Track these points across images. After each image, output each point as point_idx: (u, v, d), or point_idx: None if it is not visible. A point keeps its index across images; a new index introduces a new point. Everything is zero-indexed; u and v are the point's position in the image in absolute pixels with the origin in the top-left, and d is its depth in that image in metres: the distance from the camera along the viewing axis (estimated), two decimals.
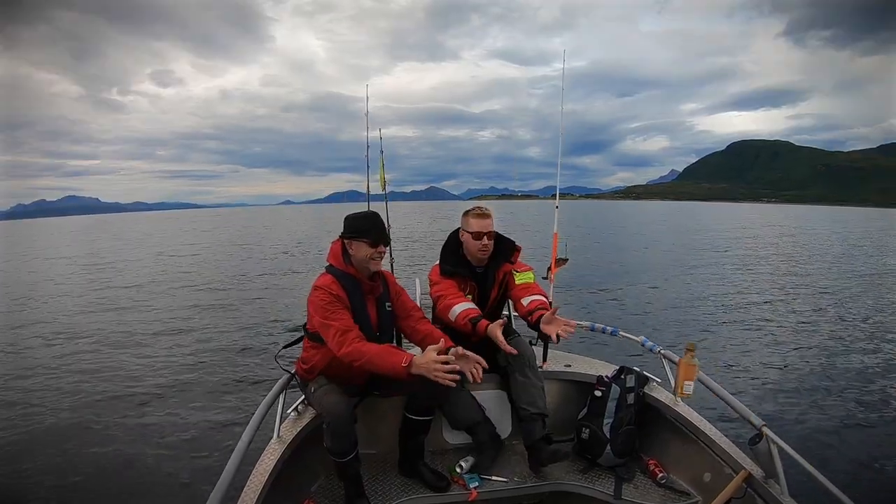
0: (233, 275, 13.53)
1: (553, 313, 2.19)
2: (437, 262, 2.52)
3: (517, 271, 2.49)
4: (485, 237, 2.40)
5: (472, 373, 1.96)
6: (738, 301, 9.41)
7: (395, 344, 2.36)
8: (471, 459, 2.31)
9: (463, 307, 2.34)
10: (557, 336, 2.15)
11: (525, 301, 2.36)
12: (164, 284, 12.29)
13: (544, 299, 2.38)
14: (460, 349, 2.02)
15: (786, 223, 42.05)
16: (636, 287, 11.00)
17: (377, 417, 2.36)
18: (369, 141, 3.37)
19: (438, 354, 1.89)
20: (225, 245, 24.45)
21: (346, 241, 2.12)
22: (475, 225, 2.40)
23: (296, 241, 25.15)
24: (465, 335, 2.48)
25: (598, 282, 11.67)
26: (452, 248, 2.51)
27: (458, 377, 1.89)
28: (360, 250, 2.09)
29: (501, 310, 2.67)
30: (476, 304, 2.41)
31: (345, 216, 2.17)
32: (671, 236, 26.54)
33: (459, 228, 2.50)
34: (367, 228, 2.09)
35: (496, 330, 2.18)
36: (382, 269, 2.33)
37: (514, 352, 2.21)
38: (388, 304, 2.26)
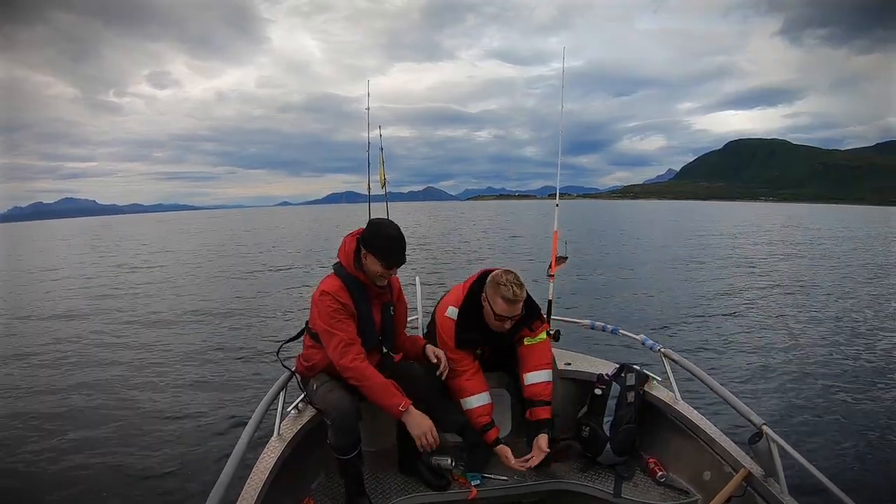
0: (189, 301, 10.38)
1: (543, 445, 2.17)
2: (450, 307, 2.29)
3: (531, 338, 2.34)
4: (508, 321, 2.14)
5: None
6: (741, 300, 9.40)
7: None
8: (448, 459, 2.30)
9: (478, 403, 2.25)
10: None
11: (528, 379, 2.28)
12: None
13: (547, 382, 2.27)
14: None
15: (805, 223, 40.95)
16: (637, 286, 11.02)
17: (378, 415, 2.36)
18: (369, 140, 3.35)
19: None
20: (203, 253, 22.09)
21: (364, 250, 2.04)
22: (501, 308, 2.10)
23: (284, 250, 22.37)
24: None
25: (598, 280, 11.69)
26: (472, 311, 2.24)
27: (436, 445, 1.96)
28: (373, 265, 2.03)
29: (510, 359, 2.44)
30: (486, 359, 2.38)
31: (371, 219, 2.13)
32: (679, 237, 26.11)
33: (483, 289, 2.20)
34: (386, 250, 2.01)
35: (507, 458, 2.20)
36: None
37: (522, 467, 2.19)
38: (392, 308, 2.26)
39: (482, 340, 2.30)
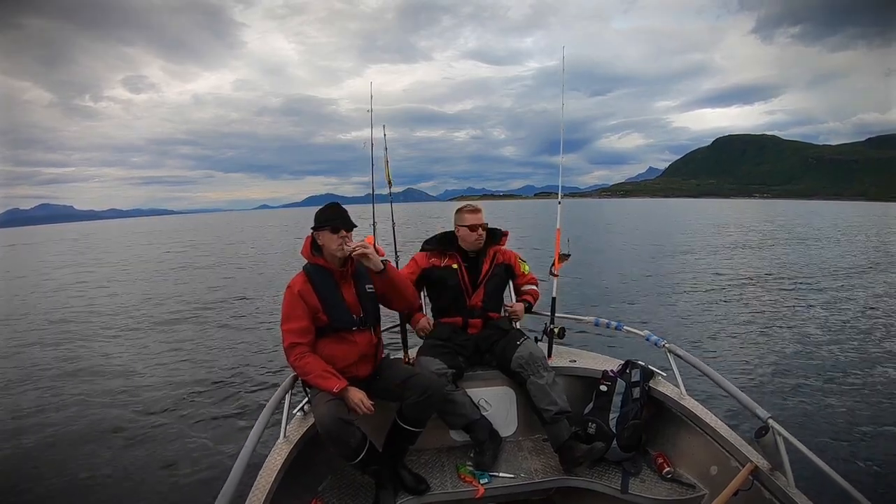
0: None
1: (516, 307, 2.76)
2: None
3: (522, 260, 2.91)
4: (479, 228, 2.68)
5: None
6: (745, 295, 9.35)
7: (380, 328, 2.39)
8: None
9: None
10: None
11: (522, 287, 2.89)
12: None
13: (535, 290, 2.87)
14: None
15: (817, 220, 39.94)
16: (640, 282, 10.97)
17: (384, 417, 2.35)
18: (372, 141, 3.29)
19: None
20: (208, 255, 21.12)
21: (315, 233, 2.23)
22: (470, 219, 2.68)
23: (290, 252, 20.66)
24: (457, 327, 2.64)
25: (601, 277, 11.64)
26: (442, 236, 2.80)
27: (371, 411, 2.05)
28: (326, 239, 2.19)
29: (501, 291, 2.84)
30: (468, 281, 2.67)
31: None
32: (679, 234, 25.80)
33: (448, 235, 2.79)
34: (328, 217, 2.19)
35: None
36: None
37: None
38: (368, 286, 2.28)
39: (454, 251, 2.72)
